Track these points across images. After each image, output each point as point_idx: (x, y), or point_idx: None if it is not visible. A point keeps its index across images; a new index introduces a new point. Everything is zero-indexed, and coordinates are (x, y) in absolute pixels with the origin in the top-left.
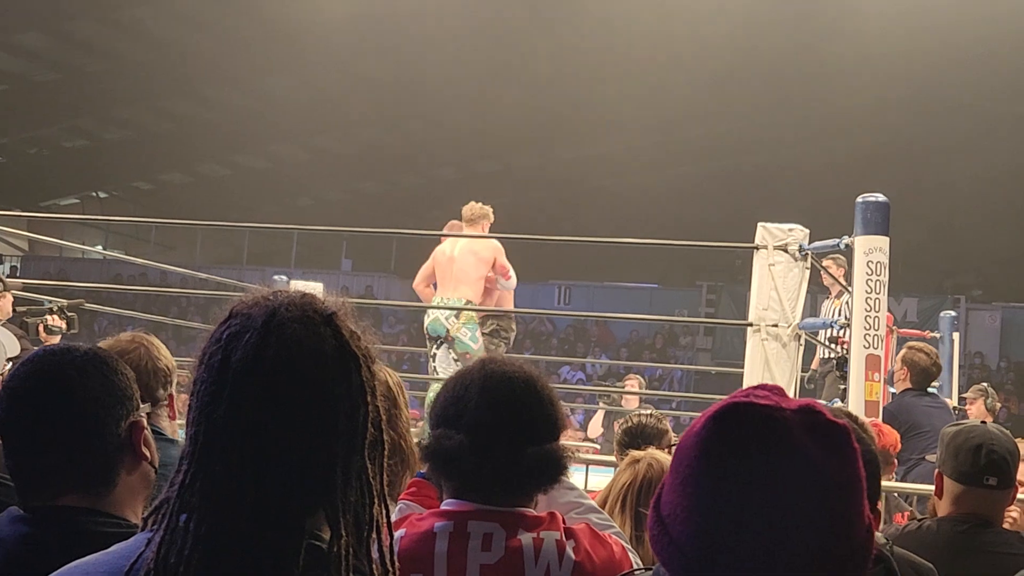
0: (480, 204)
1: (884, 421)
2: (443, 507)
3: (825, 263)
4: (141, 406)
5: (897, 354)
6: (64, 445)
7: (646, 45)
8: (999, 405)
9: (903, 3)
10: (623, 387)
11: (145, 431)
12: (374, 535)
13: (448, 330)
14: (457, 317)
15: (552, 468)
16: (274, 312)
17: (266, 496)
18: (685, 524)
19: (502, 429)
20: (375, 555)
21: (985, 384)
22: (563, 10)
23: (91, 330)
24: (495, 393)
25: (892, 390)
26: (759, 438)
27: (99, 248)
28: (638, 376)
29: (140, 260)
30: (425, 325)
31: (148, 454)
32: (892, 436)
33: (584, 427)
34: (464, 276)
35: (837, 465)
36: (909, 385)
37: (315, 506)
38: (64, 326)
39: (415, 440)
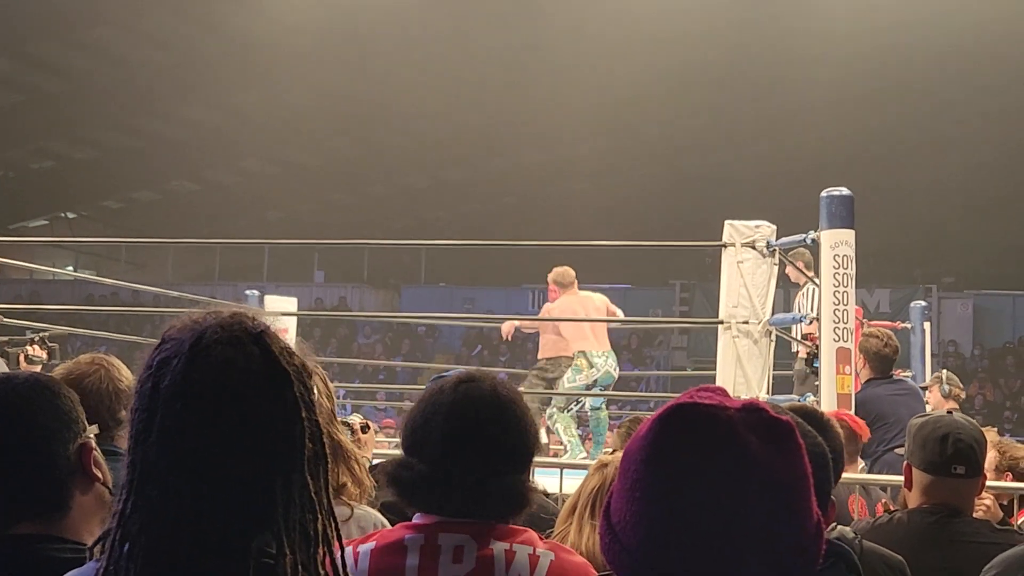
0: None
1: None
2: (414, 519)
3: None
4: (88, 427)
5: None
6: (13, 473)
7: (608, 47)
8: (961, 392)
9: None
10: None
11: (94, 452)
12: (323, 549)
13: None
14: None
15: (513, 503)
16: (201, 335)
17: (206, 521)
18: (634, 529)
19: (464, 462)
20: (328, 569)
21: (944, 371)
22: (524, 17)
23: (64, 351)
24: (460, 423)
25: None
26: (703, 438)
27: (70, 269)
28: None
29: (110, 280)
30: (601, 375)
31: (100, 475)
32: (856, 425)
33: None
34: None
35: (782, 462)
36: (871, 374)
37: (258, 527)
38: (45, 356)
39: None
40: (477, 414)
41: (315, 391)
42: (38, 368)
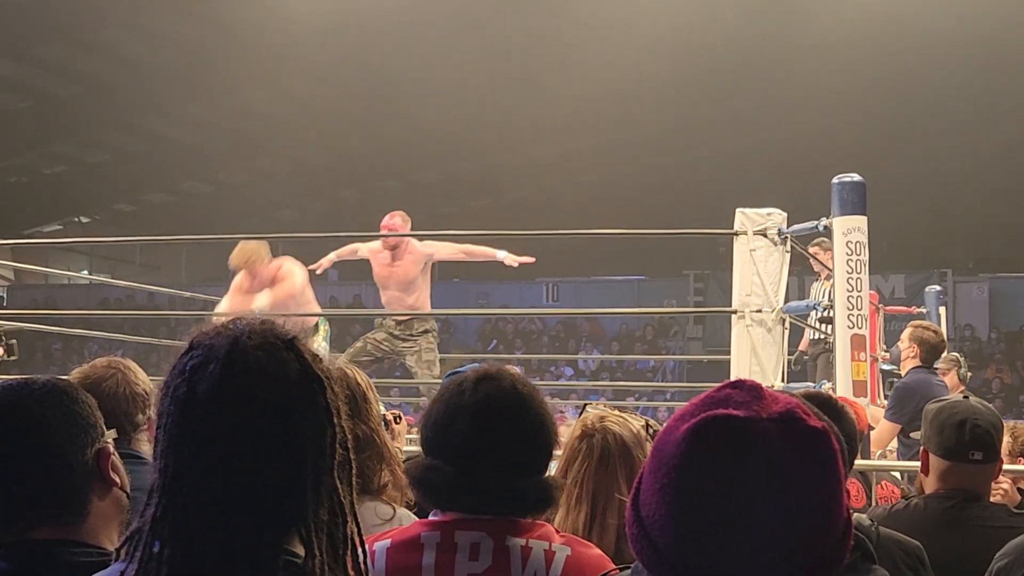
0: None
1: (901, 395)
2: (430, 517)
3: (812, 249)
4: (107, 432)
5: (903, 333)
6: (31, 478)
7: (617, 37)
8: (970, 374)
9: None
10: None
11: (112, 457)
12: (349, 552)
13: None
14: None
15: (541, 501)
16: (236, 341)
17: (238, 524)
18: (664, 530)
19: (491, 463)
20: (351, 572)
21: (956, 354)
22: (532, 10)
23: (80, 355)
24: (485, 424)
25: (885, 367)
26: (737, 452)
27: (85, 273)
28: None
29: (125, 283)
30: None
31: (118, 479)
32: (864, 419)
33: None
34: None
35: (817, 473)
36: (919, 363)
37: (288, 529)
38: (3, 353)
39: (403, 458)
40: (501, 414)
41: (359, 396)
42: None
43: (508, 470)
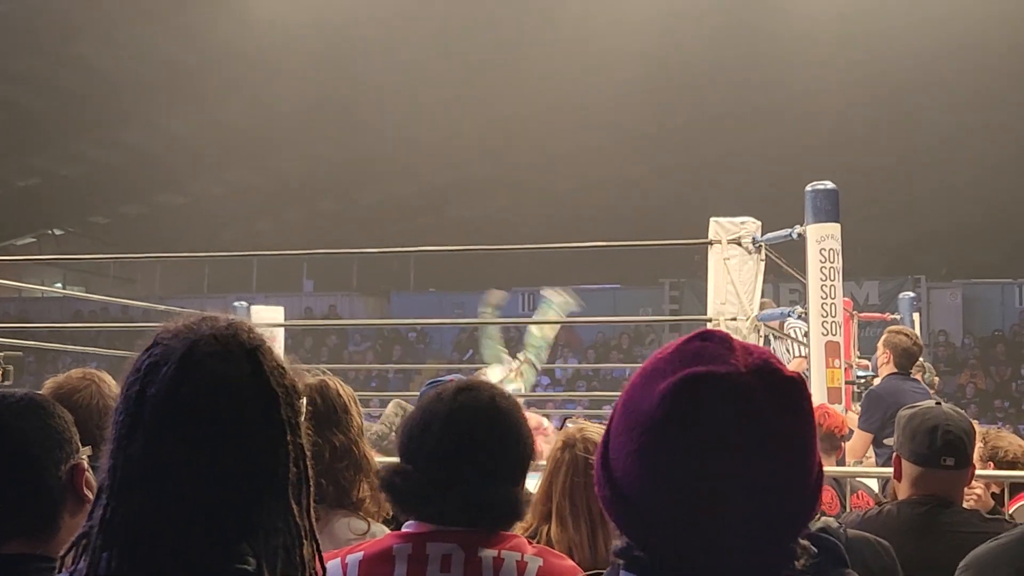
0: None
1: (869, 403)
2: (403, 528)
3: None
4: (82, 448)
5: (879, 340)
6: (4, 492)
7: (591, 47)
8: (936, 379)
9: None
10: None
11: (86, 473)
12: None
13: None
14: None
15: (507, 514)
16: (194, 345)
17: (184, 534)
18: (643, 491)
19: (460, 471)
20: None
21: (921, 359)
22: (506, 22)
23: (55, 368)
24: (457, 432)
25: (861, 374)
26: (720, 409)
27: (58, 286)
28: None
29: (98, 296)
30: None
31: (91, 496)
32: (837, 418)
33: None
34: None
35: (794, 421)
36: (893, 369)
37: (238, 545)
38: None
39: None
40: (475, 424)
41: (339, 408)
42: None
43: (477, 480)
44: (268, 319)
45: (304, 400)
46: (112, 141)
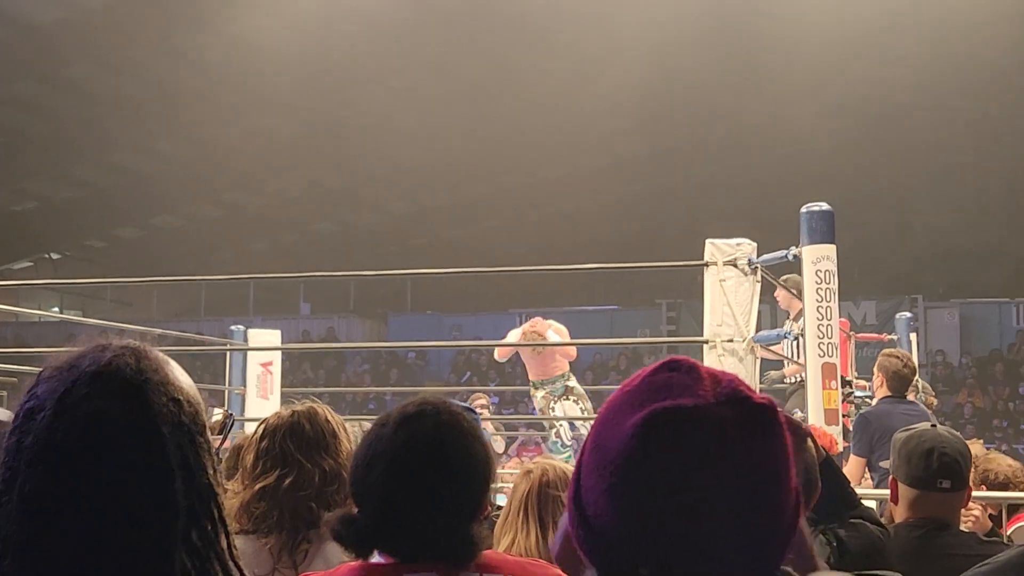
0: None
1: (856, 427)
2: (373, 559)
3: (779, 293)
4: None
5: (875, 363)
6: None
7: (585, 66)
8: (933, 400)
9: (842, 10)
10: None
11: None
12: None
13: None
14: None
15: (459, 554)
16: (72, 387)
17: None
18: (616, 529)
19: (406, 515)
20: None
21: (918, 380)
22: (500, 41)
23: None
24: (400, 473)
25: (859, 394)
26: (692, 443)
27: (55, 310)
28: (483, 395)
29: (95, 320)
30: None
31: None
32: (826, 438)
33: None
34: None
35: (768, 451)
36: (887, 392)
37: None
38: None
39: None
40: (419, 462)
41: (327, 433)
42: None
43: (424, 521)
44: (266, 342)
45: (333, 422)
46: (108, 164)
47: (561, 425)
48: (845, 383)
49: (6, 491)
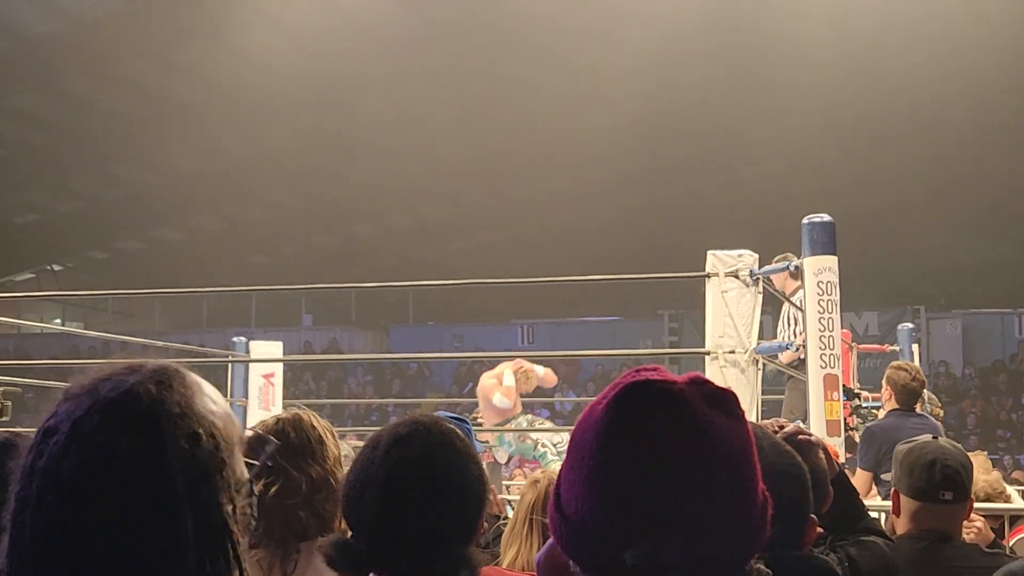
0: None
1: (863, 440)
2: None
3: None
4: None
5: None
6: None
7: (587, 79)
8: (940, 411)
9: (843, 24)
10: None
11: None
12: None
13: None
14: None
15: (457, 566)
16: (86, 415)
17: None
18: (594, 513)
19: (399, 540)
20: None
21: (924, 391)
22: (502, 53)
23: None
24: (392, 497)
25: (866, 405)
26: (662, 413)
27: (57, 322)
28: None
29: (95, 333)
30: None
31: None
32: (828, 450)
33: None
34: None
35: (733, 429)
36: (895, 405)
37: None
38: None
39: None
40: (410, 487)
41: (313, 439)
42: None
43: (421, 545)
44: (268, 354)
45: (323, 431)
46: (110, 176)
47: (540, 441)
48: (854, 395)
49: (21, 511)
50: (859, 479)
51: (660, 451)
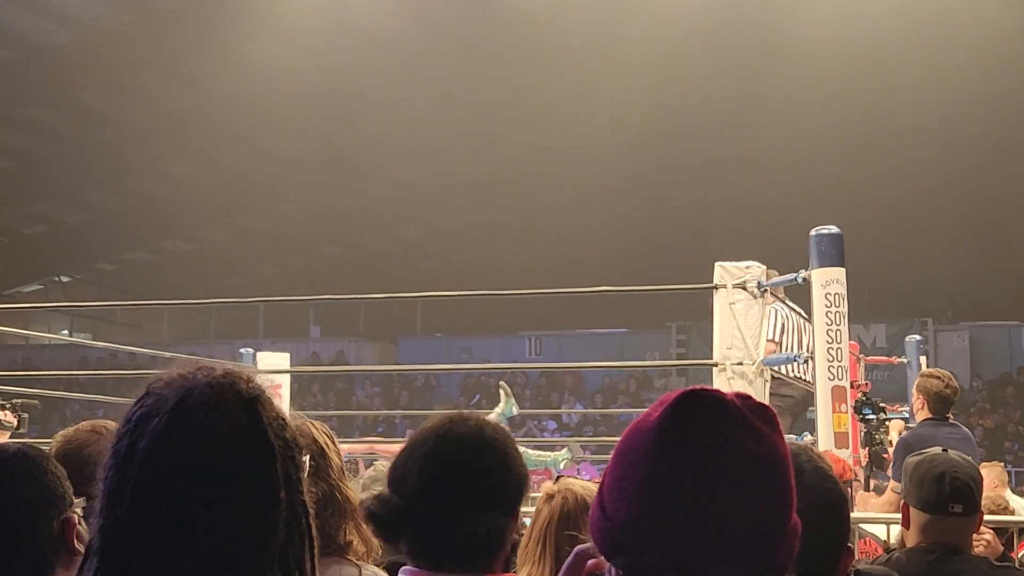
0: None
1: (896, 452)
2: (400, 574)
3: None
4: (75, 501)
5: (912, 385)
6: None
7: (593, 91)
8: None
9: (850, 31)
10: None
11: (77, 527)
12: None
13: None
14: None
15: (488, 544)
16: (188, 394)
17: None
18: (645, 521)
19: (439, 499)
20: None
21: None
22: (508, 65)
23: (63, 416)
24: (439, 460)
25: (895, 416)
26: (718, 419)
27: (65, 333)
28: None
29: (103, 344)
30: None
31: (82, 548)
32: (839, 464)
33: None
34: None
35: (779, 442)
36: (928, 414)
37: None
38: (15, 423)
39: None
40: (458, 453)
41: (316, 453)
42: (7, 435)
43: (456, 507)
44: (275, 365)
45: (308, 457)
46: (118, 188)
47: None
48: (879, 408)
49: (117, 492)
50: (892, 490)
51: (715, 454)
